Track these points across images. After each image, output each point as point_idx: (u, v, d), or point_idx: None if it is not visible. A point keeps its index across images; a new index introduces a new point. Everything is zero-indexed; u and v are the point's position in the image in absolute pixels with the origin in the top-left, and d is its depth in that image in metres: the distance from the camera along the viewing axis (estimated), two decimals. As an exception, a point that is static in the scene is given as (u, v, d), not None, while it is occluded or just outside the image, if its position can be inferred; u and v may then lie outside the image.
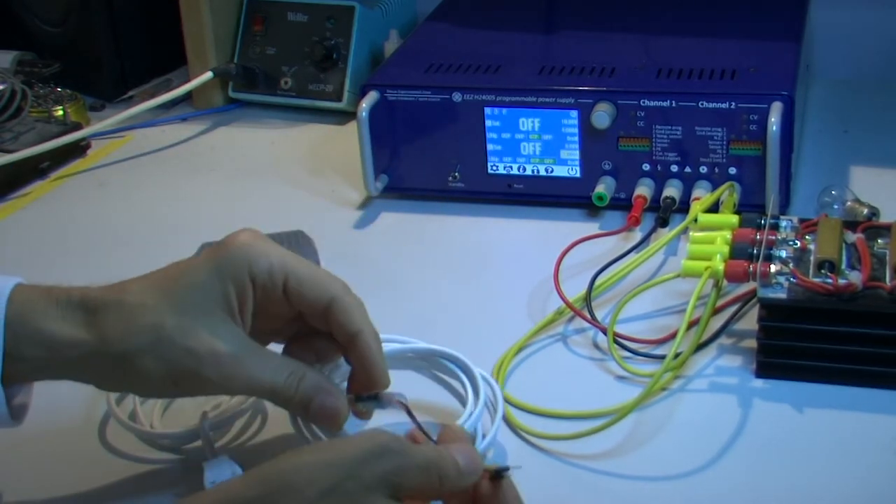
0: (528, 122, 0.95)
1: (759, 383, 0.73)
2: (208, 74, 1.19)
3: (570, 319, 0.81)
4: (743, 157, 0.91)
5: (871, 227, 0.76)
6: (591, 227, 0.93)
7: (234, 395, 0.69)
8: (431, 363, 0.76)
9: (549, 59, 0.99)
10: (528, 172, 0.96)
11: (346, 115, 1.18)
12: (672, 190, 0.92)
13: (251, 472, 0.50)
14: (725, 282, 0.75)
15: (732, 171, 0.91)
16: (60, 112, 1.19)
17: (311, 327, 0.63)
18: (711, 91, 0.90)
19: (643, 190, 0.93)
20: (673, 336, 0.74)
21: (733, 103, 0.89)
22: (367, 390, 0.62)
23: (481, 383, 0.70)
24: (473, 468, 0.52)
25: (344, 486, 0.49)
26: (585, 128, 0.93)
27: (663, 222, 0.90)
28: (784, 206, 0.91)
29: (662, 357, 0.73)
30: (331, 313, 0.61)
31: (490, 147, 0.96)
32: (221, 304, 0.58)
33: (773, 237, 0.75)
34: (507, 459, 0.67)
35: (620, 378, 0.75)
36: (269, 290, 0.60)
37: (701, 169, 0.92)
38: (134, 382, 0.60)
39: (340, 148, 1.12)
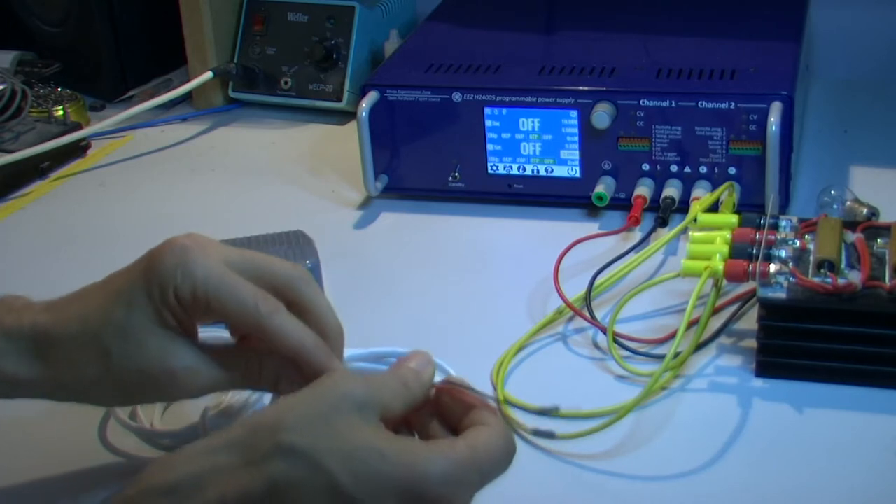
0: (528, 122, 0.95)
1: (758, 383, 0.73)
2: (208, 74, 1.19)
3: (570, 319, 0.81)
4: (743, 156, 0.91)
5: (871, 226, 0.76)
6: (591, 227, 0.93)
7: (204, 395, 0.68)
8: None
9: (549, 59, 0.99)
10: (528, 172, 0.96)
11: (346, 115, 1.18)
12: (672, 190, 0.92)
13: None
14: (725, 281, 0.75)
15: (732, 170, 0.91)
16: (60, 112, 1.19)
17: None
18: (711, 91, 0.90)
19: (643, 190, 0.93)
20: (673, 336, 0.74)
21: (733, 103, 0.89)
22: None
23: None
24: (426, 364, 0.55)
25: (328, 416, 0.50)
26: (585, 128, 0.93)
27: (663, 222, 0.90)
28: (784, 206, 0.91)
29: (662, 357, 0.73)
30: (263, 336, 0.58)
31: (490, 147, 0.96)
32: (161, 321, 0.57)
33: (773, 237, 0.75)
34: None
35: (620, 378, 0.75)
36: (195, 309, 0.58)
37: (701, 169, 0.92)
38: (97, 403, 0.61)
39: (340, 148, 1.12)
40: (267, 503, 0.48)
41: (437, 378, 0.57)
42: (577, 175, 0.95)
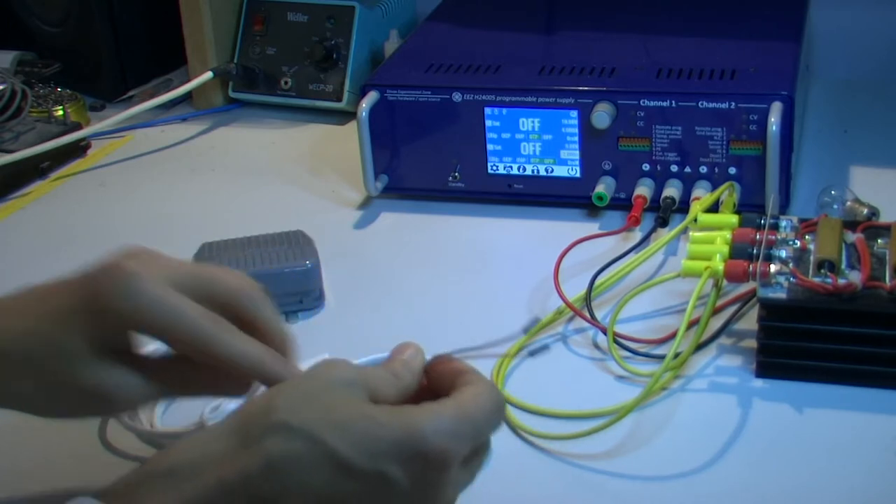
0: (528, 122, 0.95)
1: (759, 383, 0.73)
2: (208, 74, 1.19)
3: (570, 319, 0.81)
4: (743, 156, 0.91)
5: (871, 227, 0.76)
6: (591, 227, 0.93)
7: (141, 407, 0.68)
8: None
9: (549, 59, 0.99)
10: (528, 172, 0.96)
11: (346, 115, 1.18)
12: (672, 190, 0.92)
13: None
14: (725, 282, 0.75)
15: (732, 170, 0.91)
16: (60, 112, 1.19)
17: None
18: (711, 91, 0.90)
19: (643, 190, 0.93)
20: (673, 336, 0.74)
21: (733, 103, 0.89)
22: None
23: None
24: (415, 354, 0.57)
25: (319, 394, 0.51)
26: (585, 128, 0.93)
27: (663, 222, 0.90)
28: (784, 206, 0.91)
29: (662, 357, 0.73)
30: (215, 359, 0.57)
31: (490, 147, 0.96)
32: (99, 346, 0.56)
33: (773, 237, 0.75)
34: (507, 459, 0.67)
35: (620, 378, 0.75)
36: (137, 330, 0.57)
37: (701, 169, 0.92)
38: (32, 413, 0.59)
39: (340, 148, 1.12)
40: (267, 481, 0.49)
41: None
42: (578, 175, 0.95)
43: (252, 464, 0.49)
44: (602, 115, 0.91)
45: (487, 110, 0.95)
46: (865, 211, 0.87)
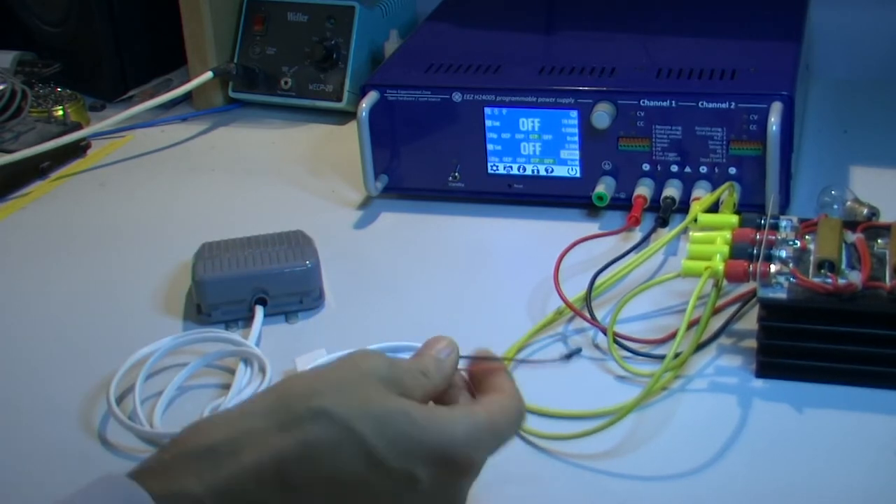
0: (528, 122, 0.95)
1: (759, 383, 0.73)
2: (208, 74, 1.19)
3: (570, 319, 0.81)
4: (743, 157, 0.91)
5: (871, 227, 0.76)
6: (591, 227, 0.93)
7: None
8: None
9: (549, 59, 0.99)
10: (528, 172, 0.96)
11: (346, 115, 1.18)
12: (672, 190, 0.92)
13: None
14: (725, 282, 0.75)
15: (732, 171, 0.91)
16: (60, 112, 1.19)
17: None
18: (711, 91, 0.90)
19: (643, 190, 0.93)
20: (673, 336, 0.74)
21: (733, 103, 0.89)
22: None
23: None
24: (449, 353, 0.57)
25: (359, 383, 0.52)
26: (585, 128, 0.93)
27: (663, 222, 0.90)
28: (784, 206, 0.91)
29: (662, 357, 0.73)
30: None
31: (490, 147, 0.96)
32: None
33: (773, 237, 0.75)
34: (507, 459, 0.67)
35: (620, 378, 0.75)
36: None
37: (701, 169, 0.92)
38: None
39: (340, 148, 1.12)
40: (300, 466, 0.49)
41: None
42: (578, 175, 0.95)
43: (288, 447, 0.49)
44: (602, 115, 0.91)
45: (487, 110, 0.95)
46: (865, 211, 0.87)
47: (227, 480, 0.49)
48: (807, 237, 0.75)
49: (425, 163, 0.98)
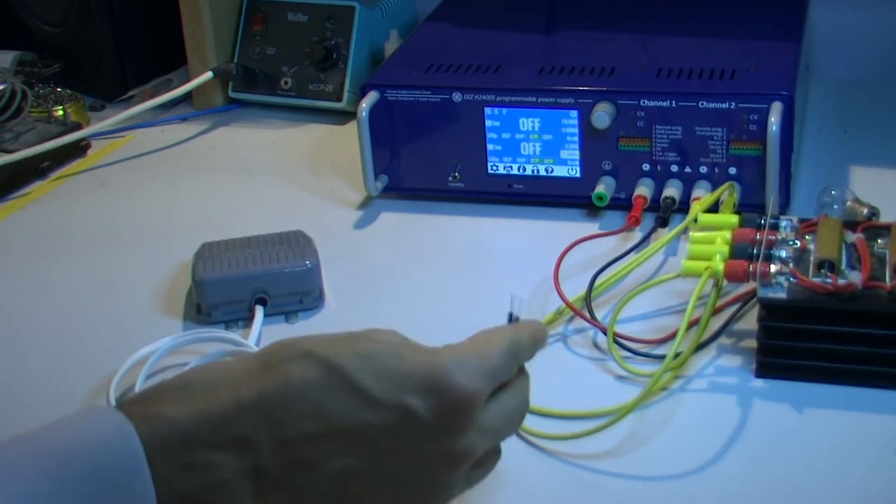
0: (528, 122, 0.95)
1: (759, 383, 0.73)
2: (208, 74, 1.19)
3: (570, 319, 0.81)
4: (743, 157, 0.91)
5: (871, 227, 0.76)
6: (591, 227, 0.93)
7: None
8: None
9: (549, 59, 0.99)
10: (528, 172, 0.96)
11: (346, 115, 1.18)
12: (672, 190, 0.92)
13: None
14: (725, 282, 0.75)
15: (732, 171, 0.91)
16: (60, 112, 1.19)
17: None
18: (711, 91, 0.90)
19: (643, 190, 0.93)
20: (673, 336, 0.75)
21: (733, 103, 0.89)
22: None
23: None
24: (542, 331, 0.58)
25: (354, 336, 0.52)
26: (585, 128, 0.93)
27: (663, 222, 0.90)
28: (784, 206, 0.91)
29: (662, 357, 0.73)
30: None
31: (490, 147, 0.96)
32: None
33: (773, 237, 0.75)
34: (507, 459, 0.67)
35: (620, 378, 0.75)
36: None
37: (701, 169, 0.92)
38: None
39: (340, 148, 1.12)
40: (286, 401, 0.49)
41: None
42: (577, 175, 0.95)
43: (269, 383, 0.49)
44: (602, 115, 0.91)
45: (487, 110, 0.95)
46: (865, 211, 0.87)
47: (207, 407, 0.48)
48: (807, 237, 0.75)
49: (425, 163, 0.98)
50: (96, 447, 0.46)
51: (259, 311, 0.82)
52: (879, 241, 0.74)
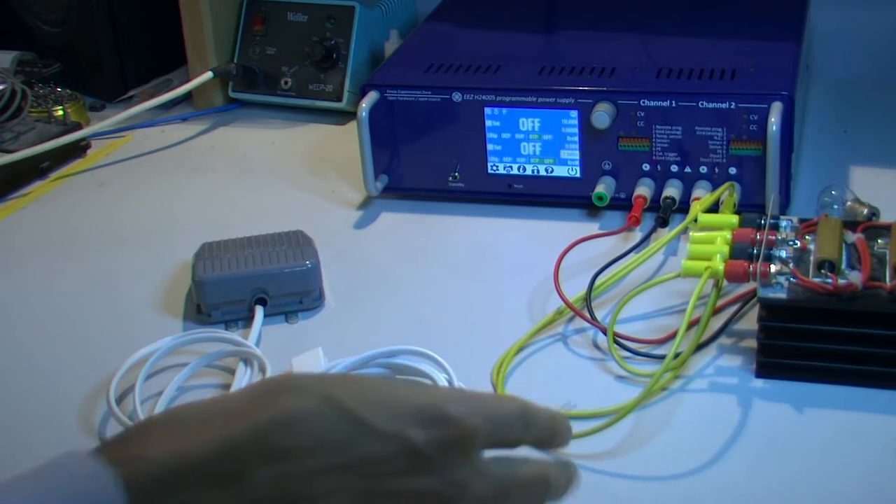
0: (528, 122, 0.95)
1: (759, 383, 0.73)
2: (208, 74, 1.19)
3: (570, 319, 0.81)
4: (743, 157, 0.91)
5: (871, 227, 0.76)
6: (591, 227, 0.93)
7: None
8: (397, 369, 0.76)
9: (549, 59, 0.99)
10: (528, 172, 0.96)
11: (346, 115, 1.18)
12: (672, 190, 0.92)
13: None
14: (725, 282, 0.75)
15: (732, 171, 0.91)
16: (60, 112, 1.19)
17: None
18: (711, 91, 0.90)
19: (643, 190, 0.93)
20: (673, 336, 0.75)
21: (733, 103, 0.89)
22: None
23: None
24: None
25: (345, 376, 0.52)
26: (585, 128, 0.93)
27: (663, 222, 0.90)
28: (784, 206, 0.91)
29: (662, 357, 0.73)
30: None
31: (490, 147, 0.96)
32: None
33: (773, 237, 0.75)
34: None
35: (620, 378, 0.75)
36: None
37: (701, 169, 0.92)
38: None
39: (340, 148, 1.12)
40: (283, 431, 0.47)
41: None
42: (578, 175, 0.95)
43: (264, 416, 0.47)
44: (602, 115, 0.91)
45: (487, 110, 0.95)
46: (865, 211, 0.87)
47: (192, 445, 0.46)
48: (807, 237, 0.75)
49: (425, 163, 0.98)
50: (77, 497, 0.45)
51: (259, 312, 0.82)
52: (879, 241, 0.74)
